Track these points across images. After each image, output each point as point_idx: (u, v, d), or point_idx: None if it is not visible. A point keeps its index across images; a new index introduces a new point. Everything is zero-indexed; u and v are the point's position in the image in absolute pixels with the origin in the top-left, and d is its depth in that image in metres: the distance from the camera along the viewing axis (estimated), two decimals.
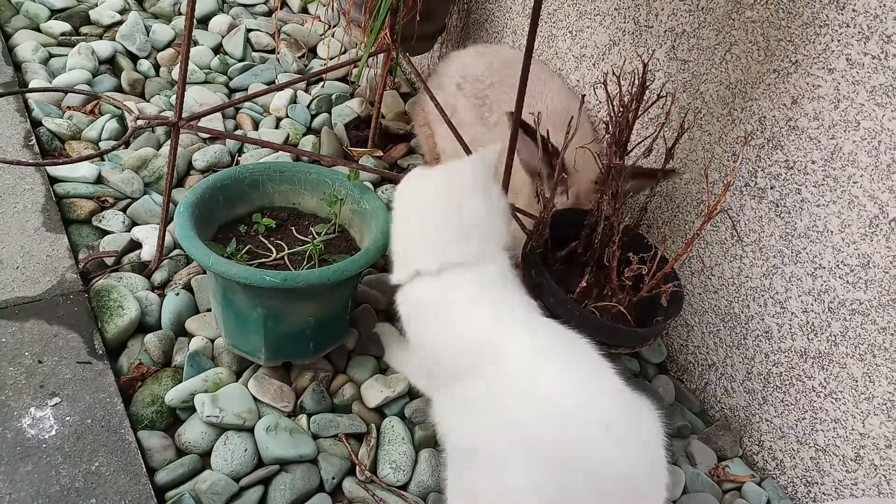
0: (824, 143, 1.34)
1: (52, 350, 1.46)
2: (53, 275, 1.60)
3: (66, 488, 1.26)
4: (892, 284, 1.28)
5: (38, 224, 1.70)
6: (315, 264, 1.47)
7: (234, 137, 1.73)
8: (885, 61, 1.22)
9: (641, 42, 1.69)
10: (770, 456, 1.57)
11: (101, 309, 1.55)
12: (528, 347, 1.14)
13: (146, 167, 1.95)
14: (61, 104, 2.12)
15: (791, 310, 1.46)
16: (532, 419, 1.07)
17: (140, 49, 2.37)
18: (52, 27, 2.38)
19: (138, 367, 1.51)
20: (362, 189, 1.57)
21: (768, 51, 1.40)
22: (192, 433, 1.41)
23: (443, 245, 1.22)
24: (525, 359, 1.13)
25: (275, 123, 2.23)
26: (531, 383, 1.09)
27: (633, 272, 1.35)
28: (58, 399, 1.38)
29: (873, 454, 1.36)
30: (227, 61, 2.43)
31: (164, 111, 2.16)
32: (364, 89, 2.36)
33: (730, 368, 1.63)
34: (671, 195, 1.68)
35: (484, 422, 1.12)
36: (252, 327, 1.43)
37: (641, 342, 1.43)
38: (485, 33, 2.28)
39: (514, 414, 1.09)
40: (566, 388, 1.10)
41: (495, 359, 1.13)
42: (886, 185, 1.25)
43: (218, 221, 1.54)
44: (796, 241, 1.43)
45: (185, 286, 1.67)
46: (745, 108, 1.47)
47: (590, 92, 1.85)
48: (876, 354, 1.32)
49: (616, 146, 1.39)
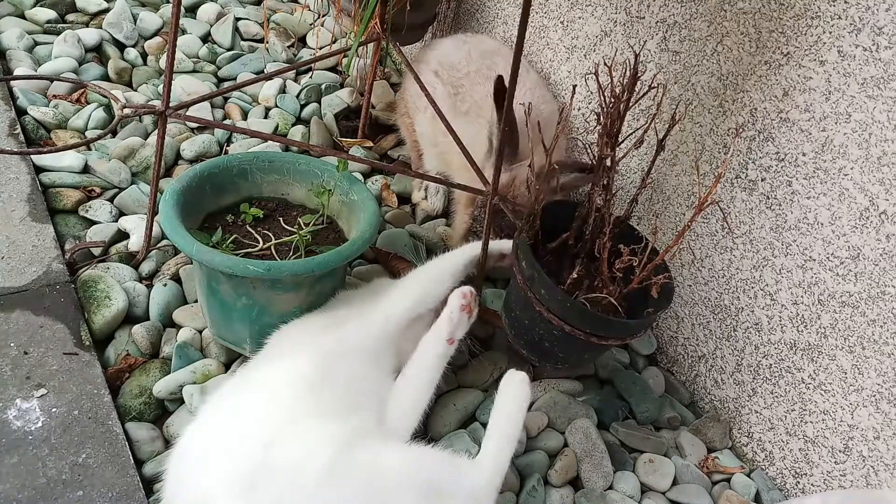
0: (815, 136, 1.34)
1: (38, 341, 1.44)
2: (39, 265, 1.58)
3: (53, 480, 1.25)
4: (881, 277, 1.28)
5: (23, 214, 1.68)
6: (301, 255, 1.46)
7: (223, 127, 1.71)
8: (877, 53, 1.22)
9: (633, 33, 1.68)
10: (759, 447, 1.58)
11: (88, 300, 1.54)
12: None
13: (133, 157, 1.93)
14: (47, 93, 2.09)
15: (781, 302, 1.47)
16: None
17: (127, 37, 2.34)
18: (38, 14, 2.34)
19: (126, 358, 1.49)
20: (351, 180, 1.56)
21: (760, 42, 1.40)
22: (181, 424, 1.40)
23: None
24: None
25: (264, 113, 2.21)
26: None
27: (624, 264, 1.34)
28: (44, 390, 1.37)
29: (861, 445, 1.37)
30: (215, 50, 2.41)
31: (151, 100, 2.14)
32: (354, 79, 2.35)
33: (720, 360, 1.63)
34: (662, 187, 1.67)
35: None
36: (237, 317, 1.42)
37: (632, 334, 1.43)
38: (475, 23, 2.27)
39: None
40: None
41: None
42: (877, 177, 1.25)
43: (205, 211, 1.52)
44: (787, 233, 1.43)
45: (173, 277, 1.65)
46: (736, 99, 1.47)
47: (581, 83, 1.84)
48: (865, 346, 1.33)
49: (607, 137, 1.39)
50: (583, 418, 1.53)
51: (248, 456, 1.08)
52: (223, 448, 1.11)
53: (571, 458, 1.46)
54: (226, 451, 1.10)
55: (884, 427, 1.32)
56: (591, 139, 1.79)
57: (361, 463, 1.10)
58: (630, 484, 1.45)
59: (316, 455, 1.08)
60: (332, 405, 1.20)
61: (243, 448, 1.10)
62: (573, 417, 1.53)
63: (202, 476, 1.09)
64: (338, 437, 1.12)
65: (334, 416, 1.18)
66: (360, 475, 1.08)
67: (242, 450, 1.09)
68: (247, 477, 1.06)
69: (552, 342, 1.41)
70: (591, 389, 1.64)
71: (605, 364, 1.68)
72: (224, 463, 1.09)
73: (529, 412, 1.53)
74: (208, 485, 1.07)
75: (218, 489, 1.05)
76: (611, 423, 1.57)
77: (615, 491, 1.45)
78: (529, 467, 1.44)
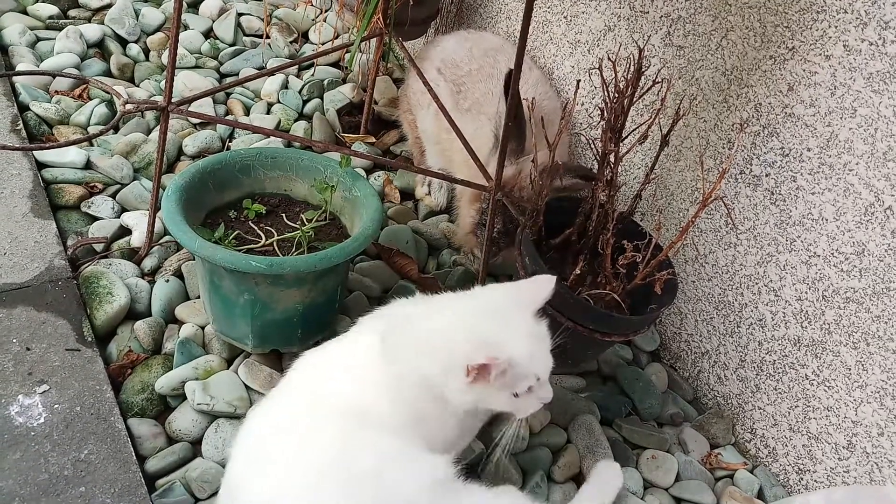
0: (820, 131, 1.33)
1: (40, 337, 1.44)
2: (42, 261, 1.58)
3: (55, 476, 1.25)
4: (886, 273, 1.27)
5: (25, 210, 1.68)
6: (304, 251, 1.46)
7: (225, 122, 1.71)
8: (883, 48, 1.21)
9: (637, 28, 1.67)
10: (762, 443, 1.57)
11: (91, 296, 1.54)
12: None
13: (136, 152, 1.93)
14: (49, 88, 2.09)
15: (785, 298, 1.46)
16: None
17: (129, 33, 2.34)
18: (40, 10, 2.34)
19: (128, 354, 1.49)
20: (354, 176, 1.56)
21: (765, 37, 1.39)
22: (183, 421, 1.40)
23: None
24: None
25: (266, 109, 2.21)
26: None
27: (628, 260, 1.34)
28: (46, 386, 1.37)
29: (865, 442, 1.36)
30: (217, 46, 2.40)
31: (153, 96, 2.14)
32: (356, 75, 2.34)
33: (723, 356, 1.63)
34: (666, 183, 1.67)
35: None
36: (239, 314, 1.42)
37: (635, 330, 1.43)
38: (478, 18, 2.26)
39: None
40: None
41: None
42: (882, 172, 1.25)
43: (208, 207, 1.52)
44: (791, 229, 1.42)
45: (176, 273, 1.65)
46: (740, 94, 1.46)
47: (585, 78, 1.84)
48: (869, 343, 1.32)
49: (611, 132, 1.38)
50: (586, 414, 1.53)
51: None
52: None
53: (574, 455, 1.46)
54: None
55: (888, 423, 1.32)
56: (595, 134, 1.79)
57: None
58: (633, 480, 1.45)
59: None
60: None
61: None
62: (576, 414, 1.53)
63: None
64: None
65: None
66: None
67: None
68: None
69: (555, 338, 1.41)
70: (594, 385, 1.64)
71: (608, 360, 1.68)
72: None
73: None
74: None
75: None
76: (614, 419, 1.57)
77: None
78: (532, 463, 1.43)
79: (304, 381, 1.18)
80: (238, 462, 1.11)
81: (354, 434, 1.07)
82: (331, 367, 1.18)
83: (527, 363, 1.09)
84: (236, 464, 1.11)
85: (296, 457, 1.06)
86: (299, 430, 1.09)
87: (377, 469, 1.04)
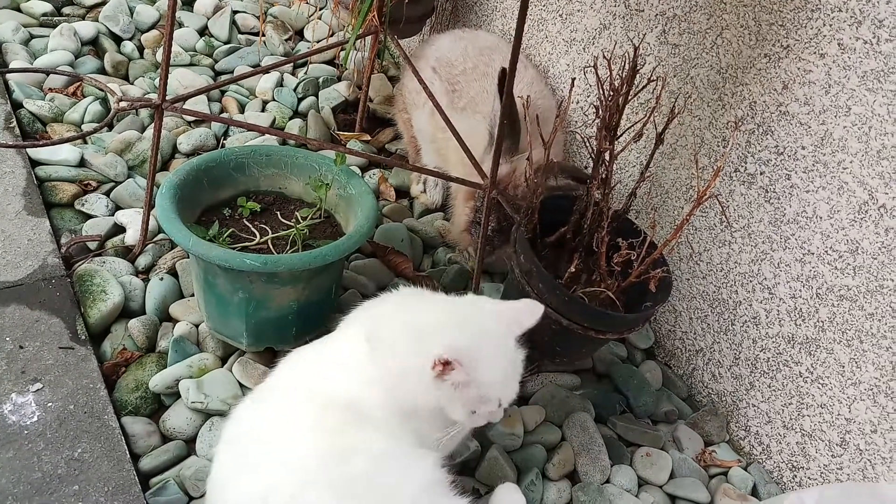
0: (815, 129, 1.33)
1: (33, 335, 1.44)
2: (35, 259, 1.57)
3: (49, 475, 1.24)
4: (880, 270, 1.28)
5: (19, 207, 1.67)
6: (298, 249, 1.46)
7: (220, 120, 1.70)
8: (877, 46, 1.21)
9: (632, 26, 1.67)
10: (756, 441, 1.58)
11: (84, 294, 1.53)
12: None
13: (130, 150, 1.92)
14: (43, 86, 2.08)
15: (779, 295, 1.46)
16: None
17: (124, 30, 2.33)
18: (33, 7, 2.33)
19: (122, 352, 1.49)
20: (349, 174, 1.56)
21: (760, 35, 1.39)
22: (177, 419, 1.39)
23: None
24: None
25: (261, 107, 2.20)
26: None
27: (622, 258, 1.34)
28: (40, 385, 1.36)
29: (859, 439, 1.37)
30: (212, 43, 2.40)
31: (148, 93, 2.13)
32: (351, 72, 2.34)
33: (717, 354, 1.63)
34: (661, 181, 1.67)
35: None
36: (233, 311, 1.42)
37: (629, 328, 1.43)
38: (474, 16, 2.26)
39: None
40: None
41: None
42: (876, 170, 1.25)
43: (202, 204, 1.52)
44: (785, 226, 1.42)
45: (170, 271, 1.64)
46: (735, 92, 1.46)
47: (580, 76, 1.84)
48: (863, 340, 1.33)
49: (606, 130, 1.38)
50: (580, 412, 1.53)
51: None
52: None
53: (569, 452, 1.46)
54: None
55: (881, 421, 1.32)
56: (590, 133, 1.79)
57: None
58: (627, 477, 1.45)
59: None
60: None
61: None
62: (571, 411, 1.53)
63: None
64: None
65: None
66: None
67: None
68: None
69: (550, 336, 1.41)
70: (589, 383, 1.64)
71: (602, 358, 1.68)
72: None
73: (527, 406, 1.53)
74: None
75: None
76: (608, 416, 1.57)
77: (612, 485, 1.44)
78: (527, 461, 1.44)
79: (291, 377, 1.18)
80: (224, 459, 1.11)
81: (343, 431, 1.07)
82: (318, 363, 1.18)
83: (498, 389, 1.11)
84: (223, 461, 1.11)
85: (284, 454, 1.05)
86: (287, 427, 1.09)
87: (366, 471, 1.03)
